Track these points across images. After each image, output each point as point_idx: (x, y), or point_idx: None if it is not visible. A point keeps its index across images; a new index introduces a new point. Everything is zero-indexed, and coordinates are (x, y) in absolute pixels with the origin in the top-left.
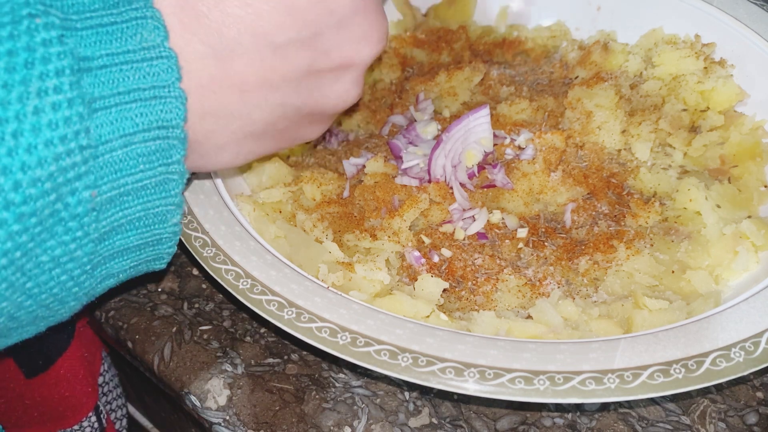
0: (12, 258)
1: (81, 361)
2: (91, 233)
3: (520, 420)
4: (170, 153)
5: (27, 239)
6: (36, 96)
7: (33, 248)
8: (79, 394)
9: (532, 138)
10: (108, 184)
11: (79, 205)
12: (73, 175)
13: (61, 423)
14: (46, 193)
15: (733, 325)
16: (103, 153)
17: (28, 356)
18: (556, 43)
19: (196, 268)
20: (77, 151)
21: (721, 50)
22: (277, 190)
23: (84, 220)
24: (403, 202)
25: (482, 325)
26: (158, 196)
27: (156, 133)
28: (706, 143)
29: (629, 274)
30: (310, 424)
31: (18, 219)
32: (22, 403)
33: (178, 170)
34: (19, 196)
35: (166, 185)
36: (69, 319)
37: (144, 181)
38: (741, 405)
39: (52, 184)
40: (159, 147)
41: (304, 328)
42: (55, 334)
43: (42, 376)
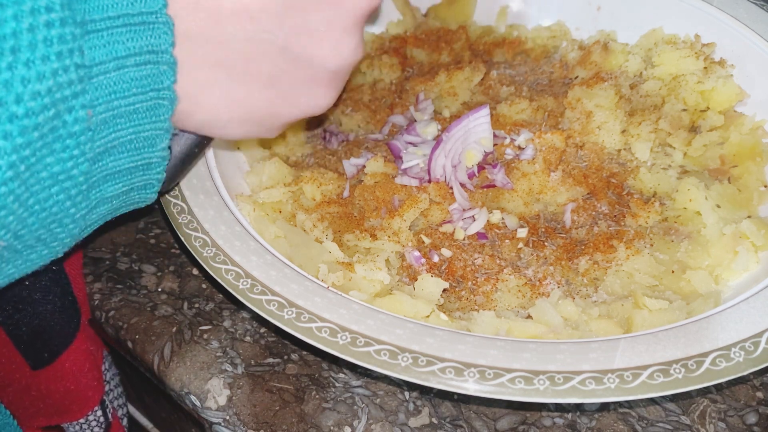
0: (17, 171)
1: (87, 354)
2: (86, 152)
3: (520, 420)
4: (161, 78)
5: (30, 153)
6: (30, 14)
7: (35, 163)
8: (85, 388)
9: (532, 138)
10: (103, 105)
11: (76, 123)
12: (69, 93)
13: (67, 416)
14: (45, 108)
15: (733, 325)
16: (98, 74)
17: (33, 348)
18: (556, 43)
19: (196, 268)
20: (73, 69)
21: (721, 50)
22: (277, 190)
23: (80, 139)
24: (403, 202)
25: (482, 325)
26: (149, 120)
27: (146, 57)
28: (706, 143)
29: (629, 274)
30: (310, 424)
31: (22, 132)
32: (28, 395)
33: (168, 96)
34: (21, 109)
35: (157, 110)
36: (74, 312)
37: (136, 105)
38: (741, 405)
39: (50, 99)
40: (150, 72)
41: (304, 328)
42: (60, 327)
43: (48, 369)
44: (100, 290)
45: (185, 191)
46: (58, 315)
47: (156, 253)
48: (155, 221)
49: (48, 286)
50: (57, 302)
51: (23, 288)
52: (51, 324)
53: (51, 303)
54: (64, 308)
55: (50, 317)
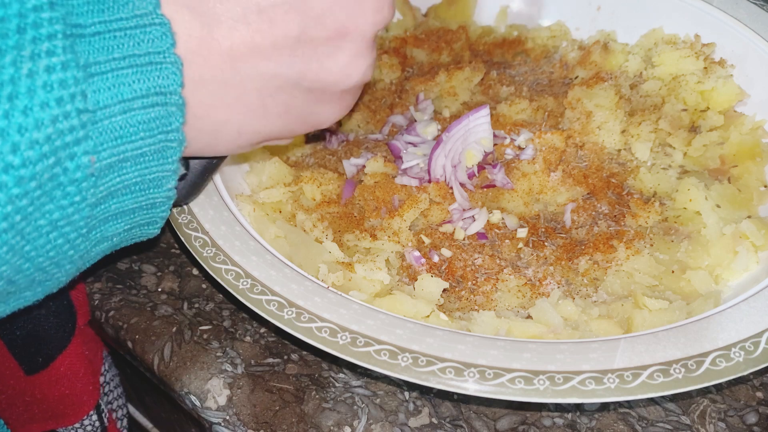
0: (12, 222)
1: (81, 359)
2: (88, 198)
3: (520, 420)
4: (169, 120)
5: (27, 203)
6: (29, 59)
7: (32, 212)
8: (80, 393)
9: (532, 138)
10: (107, 151)
11: (78, 170)
12: (71, 140)
13: (63, 421)
14: (44, 157)
15: (732, 325)
16: (102, 118)
17: (27, 353)
18: (556, 43)
19: (196, 268)
20: (74, 114)
21: (721, 50)
22: (277, 190)
23: (82, 185)
24: (403, 202)
25: (482, 325)
26: (156, 163)
27: (154, 99)
28: (706, 143)
29: (629, 274)
30: (310, 424)
31: (18, 182)
32: (23, 400)
33: (177, 138)
34: (17, 159)
35: (165, 152)
36: (69, 316)
37: (143, 149)
38: (741, 405)
39: (50, 147)
40: (158, 114)
41: (304, 328)
42: (55, 331)
43: (42, 374)
44: (100, 290)
45: None
46: (53, 319)
47: (156, 253)
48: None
49: None
50: (51, 306)
51: None
52: (45, 328)
53: (45, 307)
54: (59, 312)
55: (45, 321)
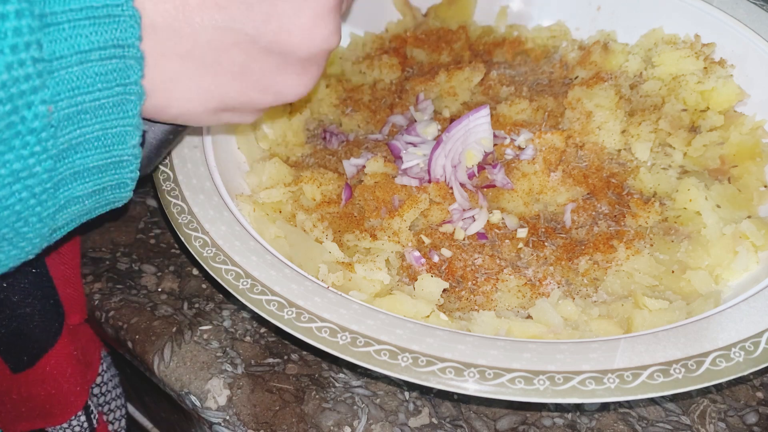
0: None
1: (69, 359)
2: (49, 149)
3: (520, 420)
4: (127, 73)
5: None
6: None
7: None
8: (66, 393)
9: (532, 138)
10: (65, 101)
11: (36, 119)
12: (27, 88)
13: (50, 420)
14: (0, 103)
15: (733, 325)
16: (59, 68)
17: (13, 351)
18: (556, 43)
19: (196, 268)
20: (29, 63)
21: (721, 50)
22: (277, 190)
23: (42, 135)
24: (403, 202)
25: (482, 325)
26: (116, 116)
27: (112, 51)
28: (706, 143)
29: (629, 274)
30: (310, 424)
31: None
32: (9, 398)
33: (135, 91)
34: None
35: (124, 105)
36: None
37: (102, 100)
38: (741, 405)
39: (5, 94)
40: (116, 66)
41: (304, 328)
42: (40, 330)
43: (28, 372)
44: (100, 290)
45: (185, 191)
46: (38, 318)
47: (156, 253)
48: (155, 221)
49: (27, 289)
50: (37, 305)
51: (1, 290)
52: (31, 327)
53: (30, 306)
54: (45, 311)
55: (30, 320)
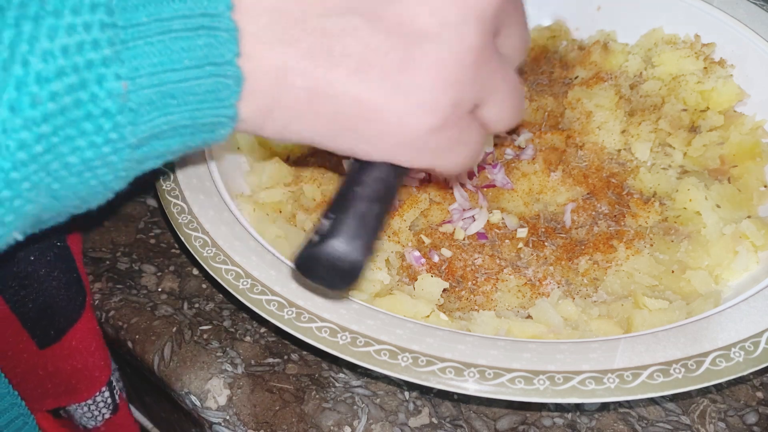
0: (33, 153)
1: (93, 333)
2: (127, 137)
3: (520, 420)
4: (220, 50)
5: (48, 131)
6: None
7: (58, 144)
8: (92, 367)
9: (532, 138)
10: (145, 78)
11: (109, 98)
12: (96, 57)
13: (76, 396)
14: (62, 73)
15: (732, 325)
16: (134, 37)
17: (40, 326)
18: (556, 43)
19: (196, 268)
20: (97, 27)
21: (721, 50)
22: (277, 190)
23: (118, 119)
24: (403, 202)
25: (482, 325)
26: (210, 105)
27: (198, 21)
28: (706, 143)
29: (629, 274)
30: (310, 424)
31: (33, 103)
32: (36, 375)
33: (232, 73)
34: (30, 75)
35: (219, 92)
36: (79, 289)
37: (191, 81)
38: (741, 405)
39: (68, 62)
40: (205, 41)
41: (304, 328)
42: (66, 303)
43: (54, 347)
44: (100, 290)
45: (185, 191)
46: (64, 291)
47: (156, 253)
48: (155, 221)
49: (53, 262)
50: (62, 278)
51: (28, 264)
52: (57, 301)
53: (56, 279)
54: (70, 285)
55: (56, 293)
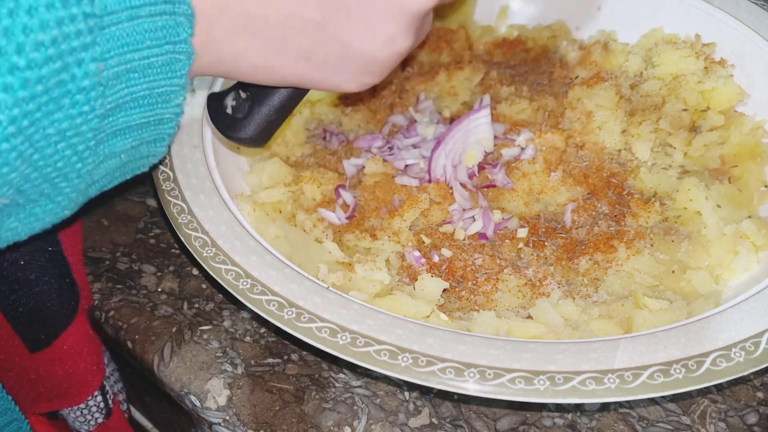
0: (20, 126)
1: (86, 338)
2: (96, 108)
3: (520, 420)
4: (177, 31)
5: (34, 108)
6: None
7: (40, 118)
8: (84, 372)
9: (532, 138)
10: (115, 59)
11: (86, 78)
12: (78, 44)
13: (68, 400)
14: (50, 60)
15: (733, 325)
16: (109, 24)
17: (31, 330)
18: (556, 43)
19: (196, 268)
20: (81, 18)
21: (721, 50)
22: (277, 190)
23: (90, 94)
24: (403, 202)
25: (482, 325)
26: (164, 76)
27: (162, 7)
28: (706, 143)
29: (629, 274)
30: (310, 424)
31: (24, 84)
32: (28, 378)
33: (185, 50)
34: (23, 60)
35: (173, 65)
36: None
37: (151, 59)
38: (741, 405)
39: (56, 51)
40: (166, 23)
41: (304, 328)
42: (57, 308)
43: (45, 351)
44: (100, 290)
45: (185, 191)
46: (55, 296)
47: (156, 253)
48: (155, 221)
49: (44, 267)
50: (54, 283)
51: (19, 268)
52: (48, 305)
53: (47, 284)
54: (61, 290)
55: (47, 298)
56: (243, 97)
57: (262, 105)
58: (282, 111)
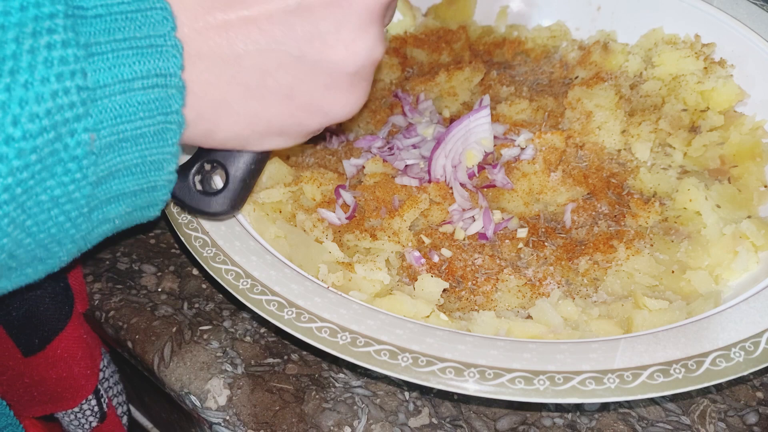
0: (13, 194)
1: (79, 342)
2: (89, 176)
3: (520, 420)
4: (169, 102)
5: (28, 176)
6: (31, 36)
7: (33, 186)
8: (78, 376)
9: (532, 138)
10: (107, 129)
11: (78, 147)
12: (71, 116)
13: (61, 404)
14: (45, 131)
15: (733, 325)
16: (102, 97)
17: (24, 334)
18: (556, 43)
19: (196, 268)
20: (74, 91)
21: (721, 50)
22: (277, 190)
23: (83, 163)
24: (403, 202)
25: (482, 325)
26: (156, 145)
27: (154, 81)
28: (706, 143)
29: (629, 274)
30: (310, 424)
31: (18, 155)
32: (21, 382)
33: (176, 120)
34: (18, 131)
35: (164, 134)
36: (65, 299)
37: (143, 129)
38: (741, 405)
39: (50, 122)
40: (158, 96)
41: (304, 328)
42: (51, 313)
43: (39, 355)
44: (100, 290)
45: None
46: (49, 300)
47: (156, 253)
48: (155, 221)
49: None
50: (47, 287)
51: None
52: (41, 309)
53: (41, 288)
54: (55, 294)
55: (40, 302)
56: (207, 169)
57: (236, 171)
58: (256, 172)
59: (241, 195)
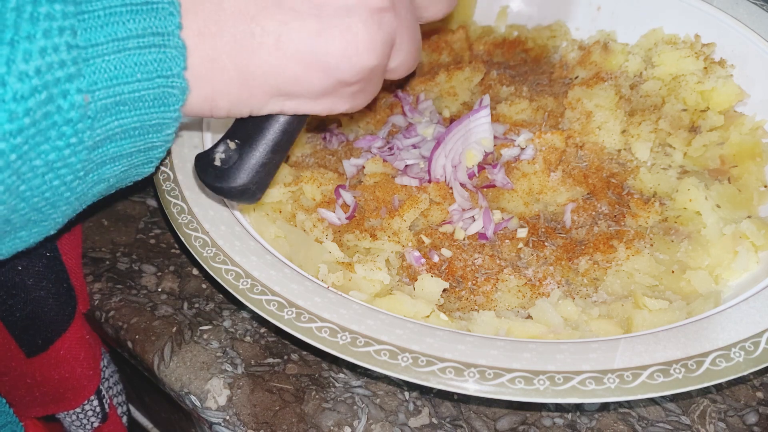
0: (7, 160)
1: (82, 343)
2: (85, 140)
3: (520, 420)
4: (168, 64)
5: (21, 141)
6: None
7: (27, 151)
8: (80, 376)
9: (532, 138)
10: (102, 91)
11: (72, 109)
12: (62, 75)
13: (64, 404)
14: (36, 91)
15: (733, 325)
16: (94, 56)
17: (27, 335)
18: (556, 43)
19: (196, 268)
20: (64, 49)
21: (721, 50)
22: (277, 190)
23: (78, 126)
24: (403, 202)
25: (482, 325)
26: (157, 110)
27: (150, 40)
28: (706, 143)
29: (629, 274)
30: (310, 424)
31: (10, 118)
32: (24, 383)
33: (178, 84)
34: (8, 92)
35: (166, 99)
36: (68, 299)
37: (142, 92)
38: (741, 405)
39: (40, 81)
40: (156, 57)
41: (304, 328)
42: (54, 314)
43: (42, 356)
44: (100, 290)
45: (185, 191)
46: (52, 301)
47: (156, 253)
48: (155, 221)
49: (41, 272)
50: (51, 288)
51: (16, 273)
52: (44, 310)
53: (44, 289)
54: (59, 295)
55: (44, 303)
56: (232, 147)
57: (253, 147)
58: (275, 150)
59: (258, 169)
